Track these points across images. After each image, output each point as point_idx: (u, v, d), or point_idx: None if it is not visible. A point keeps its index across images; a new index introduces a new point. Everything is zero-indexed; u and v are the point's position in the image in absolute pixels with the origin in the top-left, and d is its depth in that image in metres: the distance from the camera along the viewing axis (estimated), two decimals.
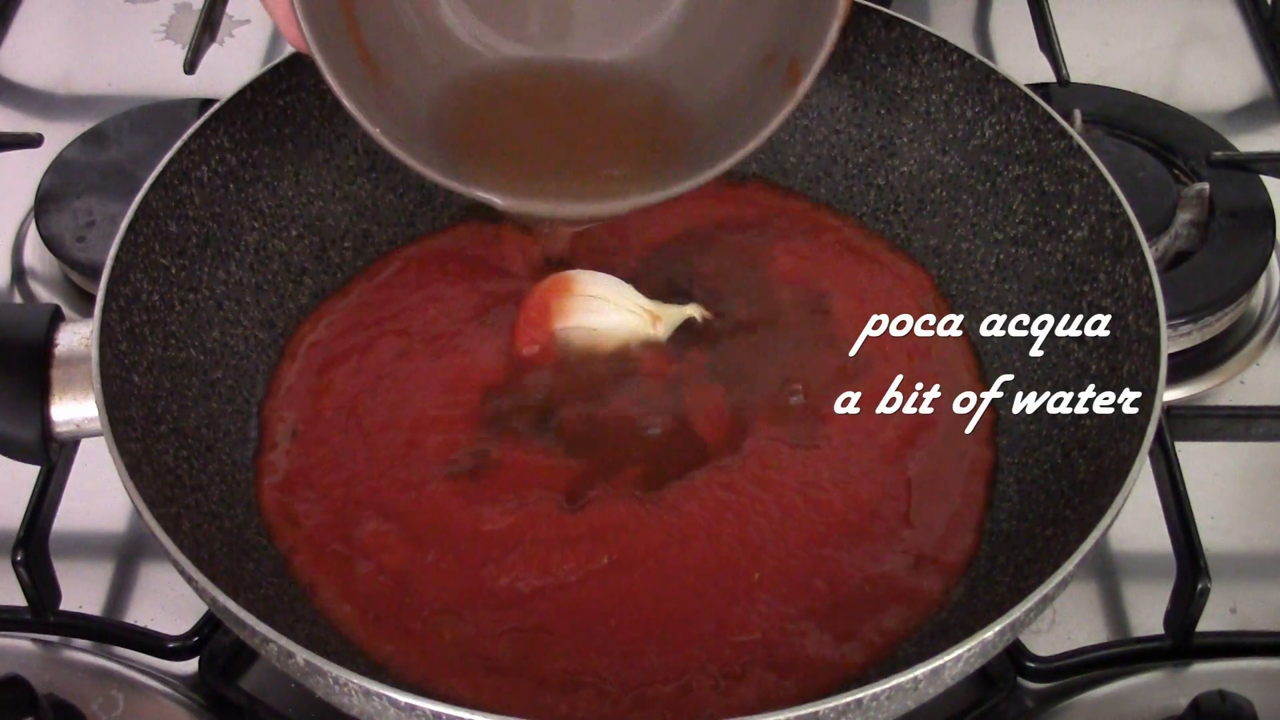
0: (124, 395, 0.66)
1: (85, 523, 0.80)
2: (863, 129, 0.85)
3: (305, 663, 0.56)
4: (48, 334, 0.68)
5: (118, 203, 0.87)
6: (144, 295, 0.71)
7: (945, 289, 0.81)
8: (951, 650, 0.56)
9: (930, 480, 0.73)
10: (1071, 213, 0.76)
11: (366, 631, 0.67)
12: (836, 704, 0.54)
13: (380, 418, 0.74)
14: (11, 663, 0.70)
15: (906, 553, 0.70)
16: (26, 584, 0.72)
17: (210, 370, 0.74)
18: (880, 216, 0.84)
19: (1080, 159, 0.75)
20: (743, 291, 0.81)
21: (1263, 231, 0.91)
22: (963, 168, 0.82)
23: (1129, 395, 0.68)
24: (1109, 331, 0.72)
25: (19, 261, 0.95)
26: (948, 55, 0.81)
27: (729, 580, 0.68)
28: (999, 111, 0.80)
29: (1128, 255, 0.72)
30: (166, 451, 0.68)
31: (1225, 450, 0.82)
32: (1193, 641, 0.72)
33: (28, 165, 0.95)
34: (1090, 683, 0.72)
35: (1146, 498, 0.75)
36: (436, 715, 0.54)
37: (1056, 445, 0.71)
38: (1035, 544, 0.67)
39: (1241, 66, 1.10)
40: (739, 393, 0.76)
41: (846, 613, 0.67)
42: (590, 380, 0.77)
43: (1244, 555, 0.79)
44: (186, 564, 0.59)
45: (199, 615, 0.74)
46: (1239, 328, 0.90)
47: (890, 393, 0.76)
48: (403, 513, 0.71)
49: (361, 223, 0.84)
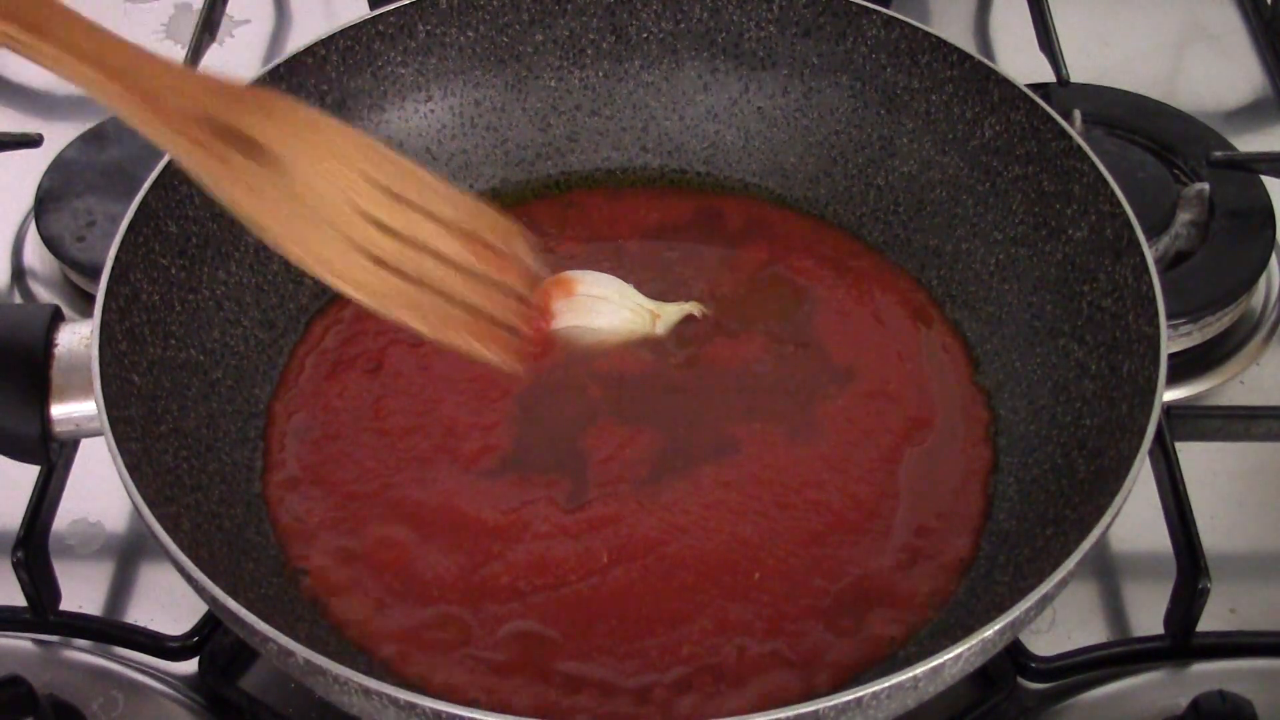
0: (124, 395, 0.66)
1: (85, 523, 0.80)
2: (863, 129, 0.85)
3: (305, 662, 0.56)
4: (48, 334, 0.67)
5: (118, 203, 0.86)
6: (144, 295, 0.71)
7: (944, 289, 0.81)
8: (951, 649, 0.56)
9: (929, 479, 0.73)
10: (1071, 213, 0.76)
11: (366, 630, 0.67)
12: (836, 703, 0.54)
13: (401, 420, 0.75)
14: (11, 663, 0.70)
15: (905, 552, 0.70)
16: (26, 584, 0.72)
17: (210, 370, 0.74)
18: (880, 216, 0.84)
19: (1080, 159, 0.75)
20: (742, 290, 0.81)
21: (1263, 231, 0.91)
22: (963, 168, 0.82)
23: (1129, 395, 0.68)
24: (1109, 331, 0.72)
25: (19, 261, 0.95)
26: (948, 55, 0.81)
27: (729, 579, 0.68)
28: (999, 112, 0.80)
29: (1128, 255, 0.72)
30: (166, 451, 0.68)
31: (1225, 450, 0.82)
32: (1193, 641, 0.72)
33: (28, 165, 0.95)
34: (1090, 683, 0.72)
35: (1146, 498, 0.75)
36: (436, 714, 0.54)
37: (1056, 445, 0.71)
38: (1035, 544, 0.67)
39: (1241, 66, 1.10)
40: (738, 390, 0.76)
41: (846, 611, 0.67)
42: (590, 380, 0.77)
43: (1244, 555, 0.79)
44: (187, 564, 0.59)
45: (199, 615, 0.74)
46: (1239, 328, 0.90)
47: (888, 392, 0.76)
48: (409, 511, 0.71)
49: None
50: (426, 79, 0.86)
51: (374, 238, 0.54)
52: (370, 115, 0.84)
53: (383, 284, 0.54)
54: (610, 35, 0.87)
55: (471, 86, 0.87)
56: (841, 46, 0.85)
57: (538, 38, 0.87)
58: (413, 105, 0.86)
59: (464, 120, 0.87)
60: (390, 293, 0.55)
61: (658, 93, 0.88)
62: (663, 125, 0.88)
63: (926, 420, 0.75)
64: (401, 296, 0.55)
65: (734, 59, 0.87)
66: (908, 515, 0.71)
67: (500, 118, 0.87)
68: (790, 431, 0.74)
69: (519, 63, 0.87)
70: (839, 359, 0.78)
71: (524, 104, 0.88)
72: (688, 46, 0.87)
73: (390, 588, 0.68)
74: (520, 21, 0.86)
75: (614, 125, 0.88)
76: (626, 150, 0.89)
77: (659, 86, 0.88)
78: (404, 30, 0.84)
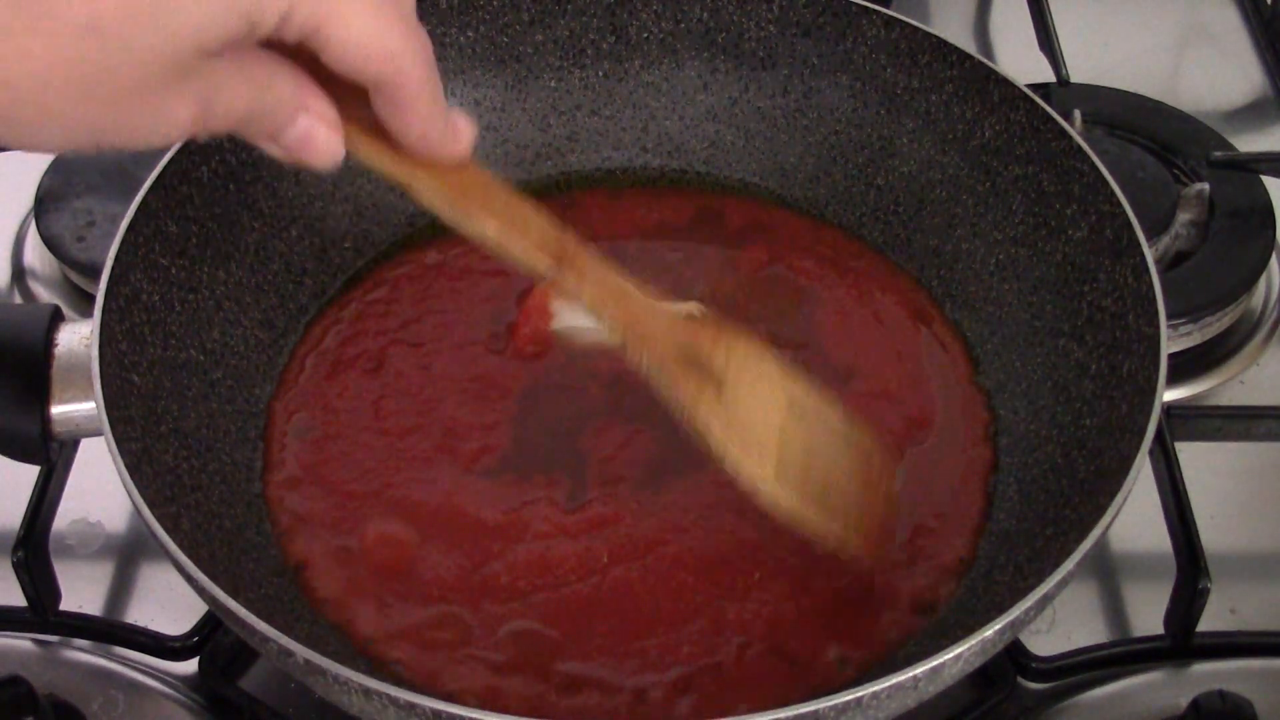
0: (124, 395, 0.66)
1: (85, 523, 0.80)
2: (863, 129, 0.85)
3: (305, 662, 0.56)
4: (48, 334, 0.68)
5: (118, 203, 0.87)
6: (144, 295, 0.71)
7: (944, 289, 0.81)
8: (951, 649, 0.56)
9: (929, 480, 0.73)
10: (1071, 213, 0.76)
11: (366, 629, 0.67)
12: (836, 703, 0.54)
13: (401, 420, 0.75)
14: (11, 663, 0.70)
15: (905, 552, 0.70)
16: (26, 584, 0.72)
17: (210, 370, 0.74)
18: (880, 216, 0.84)
19: (1080, 159, 0.75)
20: (743, 290, 0.81)
21: (1263, 231, 0.91)
22: (962, 168, 0.82)
23: (1129, 395, 0.68)
24: (1109, 331, 0.72)
25: (19, 261, 0.95)
26: (948, 55, 0.81)
27: (728, 578, 0.69)
28: (999, 111, 0.80)
29: (1128, 255, 0.72)
30: (166, 451, 0.68)
31: (1225, 450, 0.82)
32: (1193, 641, 0.72)
33: (28, 165, 0.95)
34: (1090, 683, 0.72)
35: (1146, 498, 0.75)
36: (436, 714, 0.54)
37: (1056, 445, 0.71)
38: (1035, 544, 0.67)
39: (1241, 66, 1.10)
40: None
41: (846, 611, 0.67)
42: (590, 380, 0.77)
43: (1244, 555, 0.79)
44: (187, 563, 0.59)
45: (199, 615, 0.74)
46: (1239, 328, 0.90)
47: (888, 392, 0.76)
48: (409, 511, 0.71)
49: (361, 223, 0.84)
50: None
51: (795, 452, 0.64)
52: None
53: (804, 491, 0.63)
54: (610, 35, 0.87)
55: (471, 86, 0.87)
56: (841, 46, 0.84)
57: (538, 38, 0.87)
58: None
59: None
60: (812, 497, 0.64)
61: (658, 93, 0.88)
62: (663, 125, 0.88)
63: (926, 420, 0.75)
64: (816, 498, 0.64)
65: (734, 59, 0.87)
66: (907, 515, 0.71)
67: (500, 118, 0.87)
68: None
69: (519, 63, 0.87)
70: (839, 359, 0.78)
71: (524, 104, 0.88)
72: (688, 46, 0.87)
73: (390, 587, 0.68)
74: (520, 21, 0.86)
75: (614, 125, 0.88)
76: (626, 150, 0.89)
77: (659, 86, 0.88)
78: None
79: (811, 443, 0.64)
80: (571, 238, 0.61)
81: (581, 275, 0.61)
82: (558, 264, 0.60)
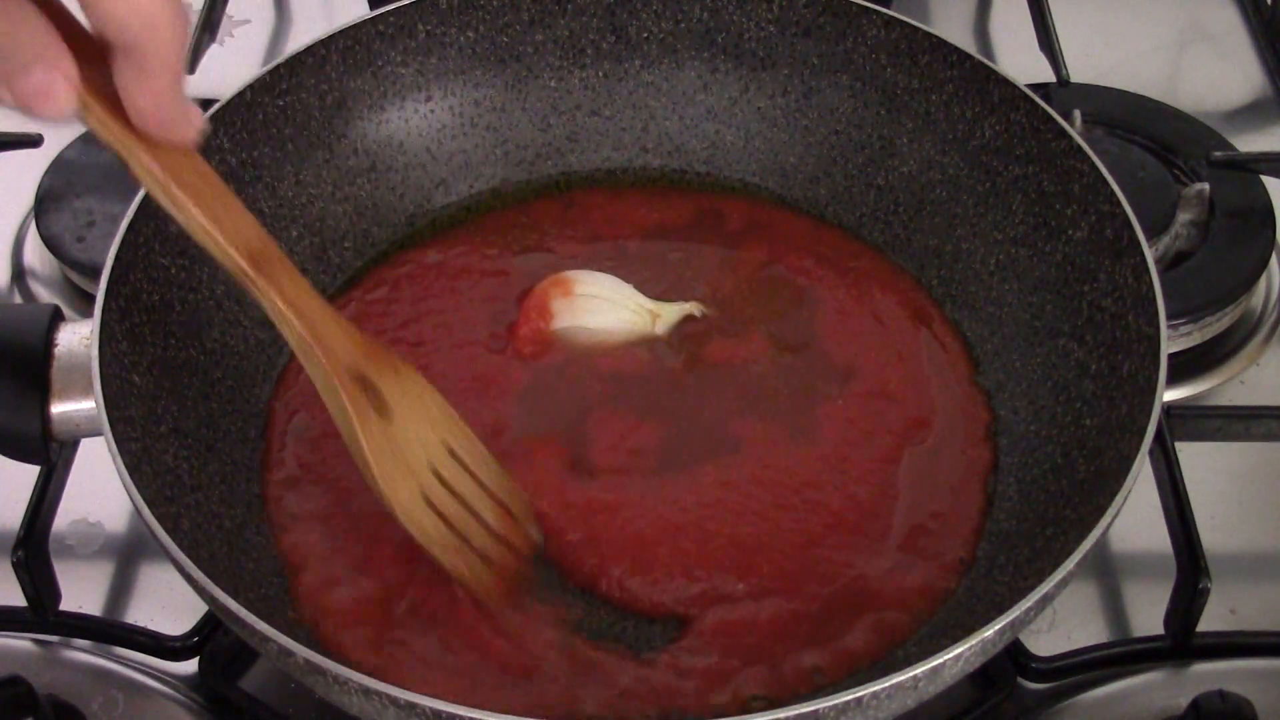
0: (124, 395, 0.66)
1: (85, 523, 0.80)
2: (863, 129, 0.85)
3: (305, 661, 0.56)
4: (48, 334, 0.68)
5: (118, 203, 0.87)
6: (144, 295, 0.71)
7: (944, 289, 0.81)
8: (951, 649, 0.56)
9: (929, 480, 0.73)
10: (1071, 213, 0.76)
11: (367, 628, 0.67)
12: (836, 703, 0.54)
13: None
14: (11, 663, 0.70)
15: (905, 552, 0.70)
16: (26, 584, 0.72)
17: (210, 370, 0.74)
18: (880, 216, 0.84)
19: (1080, 159, 0.75)
20: (743, 290, 0.81)
21: (1263, 231, 0.91)
22: (962, 168, 0.82)
23: (1129, 395, 0.68)
24: (1109, 331, 0.72)
25: (19, 261, 0.95)
26: (948, 55, 0.81)
27: (727, 578, 0.68)
28: (999, 112, 0.80)
29: (1128, 255, 0.72)
30: (166, 451, 0.68)
31: (1225, 450, 0.82)
32: (1193, 641, 0.72)
33: (28, 165, 0.95)
34: (1090, 683, 0.72)
35: (1146, 498, 0.75)
36: (436, 714, 0.54)
37: (1056, 445, 0.71)
38: (1035, 544, 0.67)
39: (1241, 66, 1.10)
40: (738, 391, 0.76)
41: (846, 611, 0.67)
42: (591, 380, 0.77)
43: (1244, 555, 0.79)
44: (187, 563, 0.59)
45: (199, 615, 0.74)
46: (1239, 328, 0.90)
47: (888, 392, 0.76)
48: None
49: (361, 223, 0.84)
50: (426, 79, 0.86)
51: (437, 491, 0.66)
52: (370, 115, 0.84)
53: (434, 529, 0.65)
54: (610, 35, 0.87)
55: (471, 86, 0.87)
56: (841, 46, 0.85)
57: (538, 38, 0.87)
58: (413, 105, 0.86)
59: (464, 120, 0.87)
60: (437, 537, 0.65)
61: (658, 93, 0.88)
62: (663, 125, 0.88)
63: (926, 420, 0.75)
64: (443, 540, 0.66)
65: (734, 59, 0.87)
66: (907, 515, 0.71)
67: (500, 118, 0.87)
68: (790, 431, 0.74)
69: (519, 63, 0.87)
70: (839, 359, 0.78)
71: (524, 104, 0.88)
72: (688, 46, 0.87)
73: (390, 587, 0.68)
74: (520, 21, 0.86)
75: (614, 125, 0.88)
76: (626, 150, 0.89)
77: (659, 86, 0.88)
78: (404, 30, 0.84)
79: (459, 486, 0.67)
80: (274, 246, 0.63)
81: (271, 281, 0.62)
82: (254, 267, 0.61)
